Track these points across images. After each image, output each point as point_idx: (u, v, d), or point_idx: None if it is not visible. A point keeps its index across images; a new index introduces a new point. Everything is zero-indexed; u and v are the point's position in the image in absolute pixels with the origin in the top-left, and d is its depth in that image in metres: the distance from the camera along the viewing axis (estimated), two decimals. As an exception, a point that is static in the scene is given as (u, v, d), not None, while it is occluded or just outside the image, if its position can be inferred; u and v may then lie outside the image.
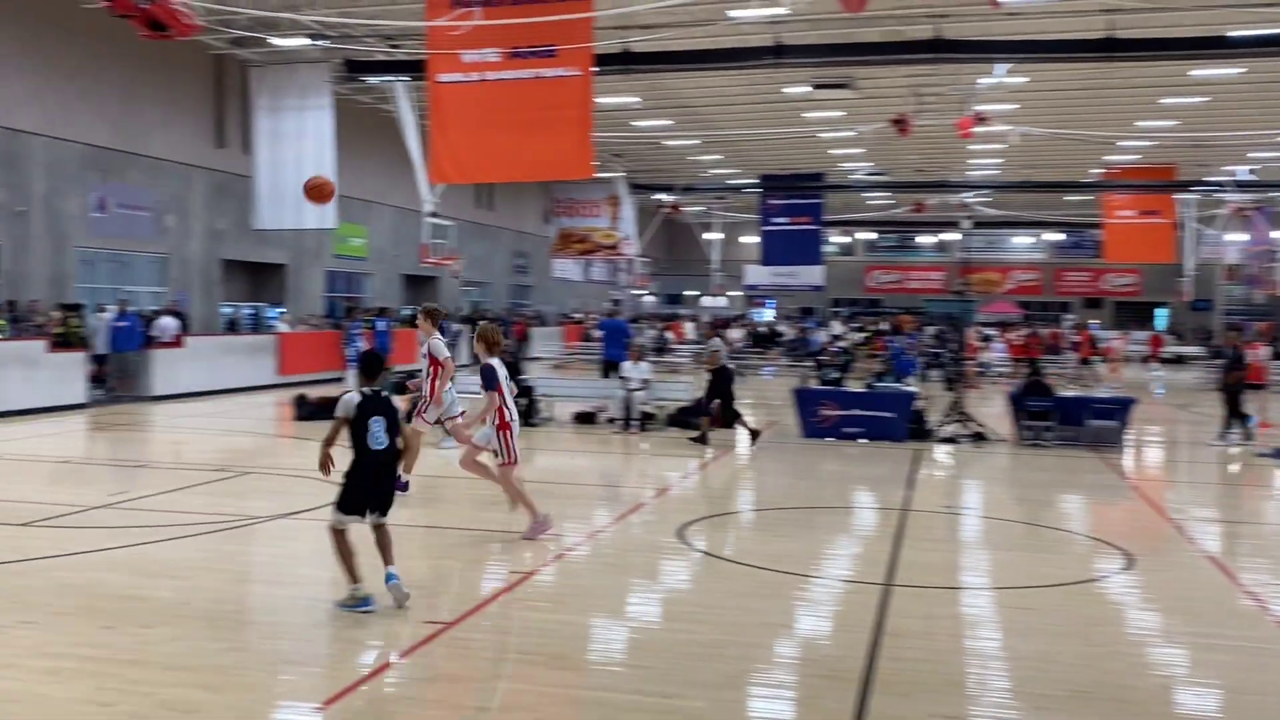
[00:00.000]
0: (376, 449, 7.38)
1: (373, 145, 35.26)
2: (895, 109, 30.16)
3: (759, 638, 7.07)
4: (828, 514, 11.83)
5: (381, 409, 7.46)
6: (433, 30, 19.48)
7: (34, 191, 24.21)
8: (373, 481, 7.52)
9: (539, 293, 53.37)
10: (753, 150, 44.46)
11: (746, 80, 31.35)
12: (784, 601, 8.04)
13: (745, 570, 8.84)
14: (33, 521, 9.91)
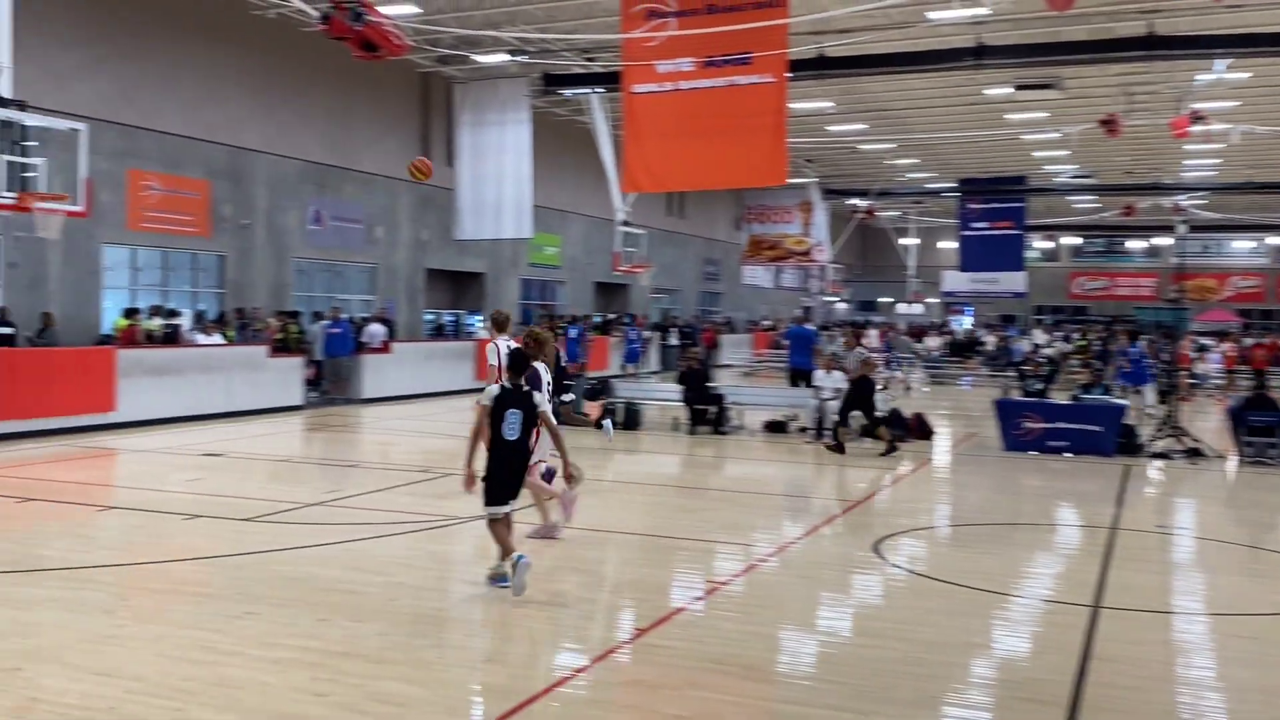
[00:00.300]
0: (510, 439, 7.85)
1: (567, 156, 36.03)
2: (1104, 109, 28.90)
3: (957, 657, 6.87)
4: (1030, 530, 11.41)
5: (519, 403, 7.90)
6: (628, 42, 19.79)
7: (257, 206, 25.79)
8: (508, 471, 7.94)
9: (729, 300, 53.39)
10: (951, 153, 43.36)
11: (945, 82, 30.59)
12: (983, 620, 7.79)
13: (943, 587, 8.60)
14: (255, 517, 10.53)
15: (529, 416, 7.94)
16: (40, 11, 19.51)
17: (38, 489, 12.07)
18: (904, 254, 57.09)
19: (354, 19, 16.03)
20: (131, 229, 22.62)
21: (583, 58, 26.09)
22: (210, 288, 25.18)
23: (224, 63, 24.60)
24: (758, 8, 18.19)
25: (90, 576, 8.28)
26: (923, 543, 10.80)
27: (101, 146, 19.98)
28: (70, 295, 21.30)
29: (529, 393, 8.04)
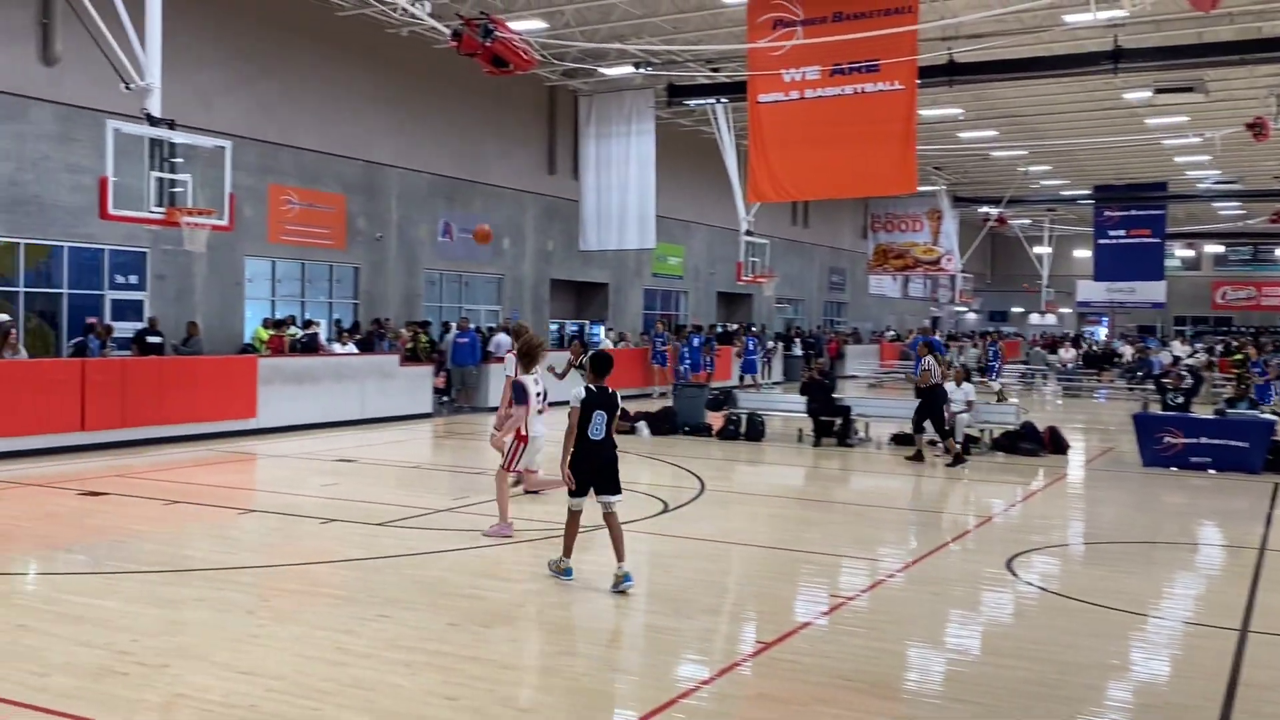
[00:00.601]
0: (595, 439, 8.29)
1: (691, 167, 36.12)
2: (1250, 112, 27.76)
3: (1094, 679, 6.65)
4: (1171, 550, 10.99)
5: (605, 404, 8.34)
6: (754, 51, 19.75)
7: (390, 219, 26.50)
8: (591, 466, 8.34)
9: (854, 310, 52.78)
10: (1086, 160, 42.15)
11: (1080, 87, 29.78)
12: (1122, 642, 7.52)
13: (1079, 606, 8.33)
14: (388, 521, 10.79)
15: (612, 416, 8.38)
16: (188, 34, 20.40)
17: (183, 492, 12.58)
18: (1037, 263, 55.59)
19: (484, 35, 16.40)
20: (272, 242, 23.48)
21: (708, 68, 26.14)
22: (345, 298, 25.95)
23: (359, 80, 25.37)
24: (886, 14, 17.97)
25: (232, 577, 8.59)
26: (1057, 560, 10.48)
27: (244, 163, 20.77)
28: (214, 306, 22.19)
29: (613, 394, 8.42)
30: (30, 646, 6.61)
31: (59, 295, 19.97)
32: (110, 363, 17.02)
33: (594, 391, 8.31)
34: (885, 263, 44.39)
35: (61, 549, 9.74)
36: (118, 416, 15.93)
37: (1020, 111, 34.05)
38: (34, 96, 19.07)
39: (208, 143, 14.74)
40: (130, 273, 20.94)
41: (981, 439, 18.03)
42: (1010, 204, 44.49)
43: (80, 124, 19.29)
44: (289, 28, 23.57)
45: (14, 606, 7.65)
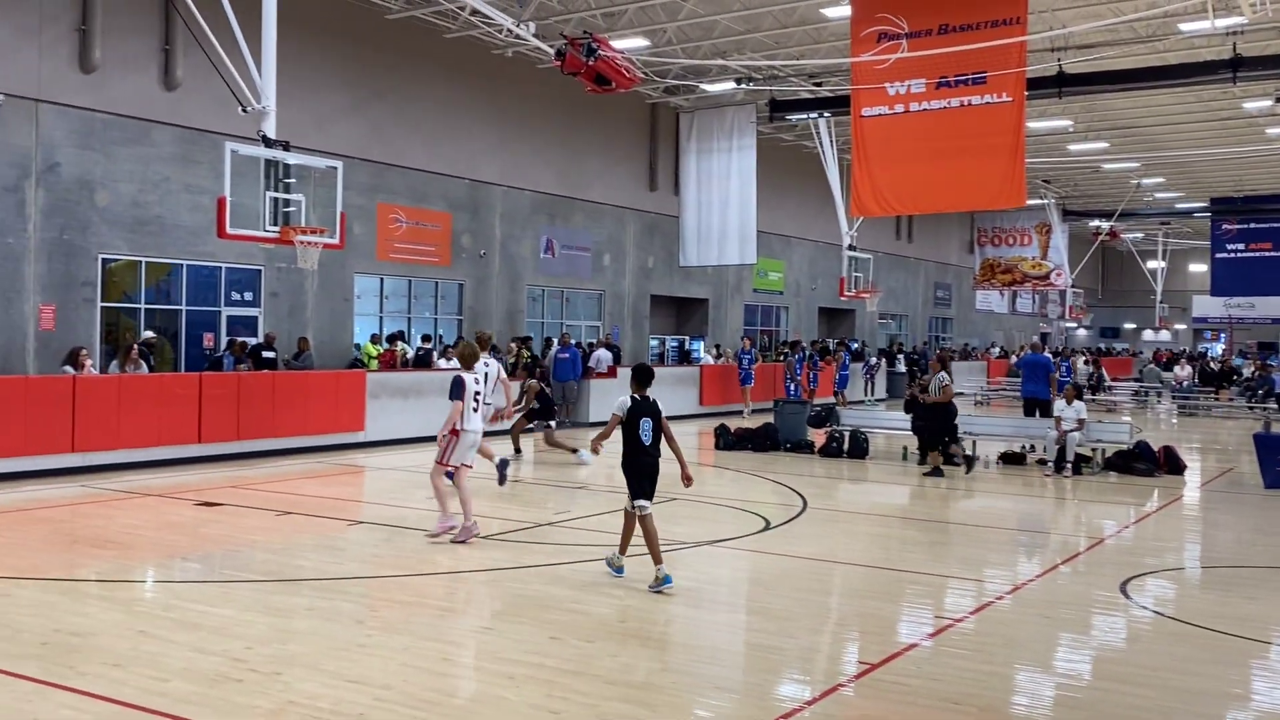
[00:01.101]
0: (645, 443, 8.90)
1: (792, 182, 35.96)
2: (1380, 119, 26.60)
3: (1213, 707, 6.42)
4: (1296, 576, 10.55)
5: (650, 411, 8.94)
6: (858, 65, 19.60)
7: (493, 236, 26.89)
8: (642, 469, 8.91)
9: (960, 325, 51.91)
10: (1202, 171, 40.88)
11: (1196, 97, 28.93)
12: (1243, 670, 7.25)
13: (1197, 632, 8.05)
14: (491, 535, 10.92)
15: (658, 423, 8.95)
16: (302, 59, 21.02)
17: (294, 503, 12.91)
18: (1150, 278, 54.03)
19: (588, 55, 16.59)
20: (380, 259, 24.02)
21: (810, 83, 26.03)
22: (450, 314, 26.39)
23: (465, 101, 25.84)
24: (994, 26, 17.68)
25: (341, 587, 8.79)
26: (1173, 584, 10.14)
27: (354, 182, 21.32)
28: (324, 321, 22.75)
29: (654, 402, 8.99)
30: (150, 653, 6.84)
31: (177, 312, 20.68)
32: (226, 377, 17.57)
33: (638, 400, 8.92)
34: (992, 278, 43.58)
35: (179, 558, 10.07)
36: (233, 429, 16.44)
37: (1133, 122, 33.18)
38: (156, 120, 19.82)
39: (320, 163, 15.15)
40: (245, 290, 21.60)
41: (1093, 458, 17.57)
42: (1122, 217, 43.35)
43: (200, 146, 20.00)
44: (398, 51, 24.13)
45: (136, 613, 7.93)
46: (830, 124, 26.05)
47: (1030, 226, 41.68)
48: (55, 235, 18.48)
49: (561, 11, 23.31)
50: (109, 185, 19.19)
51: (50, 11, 18.37)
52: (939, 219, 46.63)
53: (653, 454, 8.94)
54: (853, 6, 19.78)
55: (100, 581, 8.93)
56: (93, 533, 11.13)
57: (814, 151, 27.01)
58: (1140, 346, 59.91)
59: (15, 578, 8.83)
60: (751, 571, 10.01)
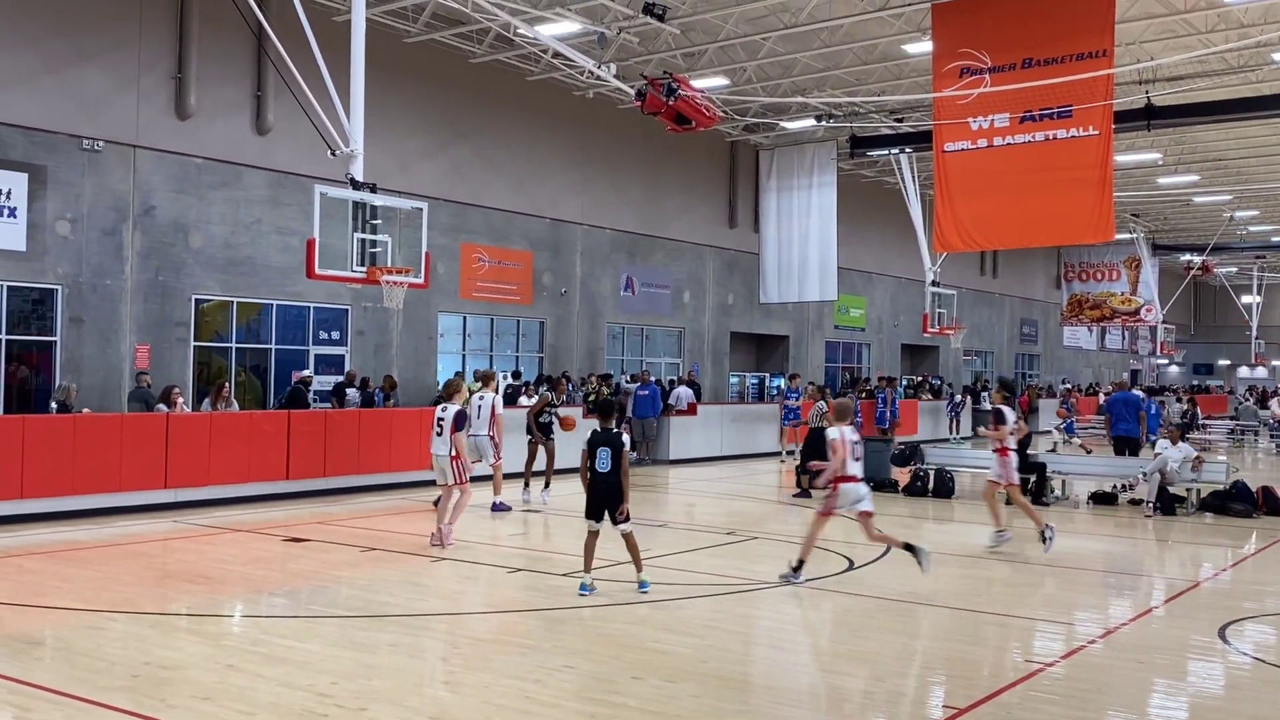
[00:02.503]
0: (600, 470, 9.76)
1: (873, 218, 35.75)
2: None
3: (1324, 763, 6.14)
4: None
5: (607, 442, 9.79)
6: (939, 100, 19.48)
7: (574, 274, 27.12)
8: (596, 493, 9.83)
9: (1047, 362, 50.95)
10: (1298, 203, 39.78)
11: (1291, 127, 28.20)
12: (1355, 723, 6.94)
13: (1303, 682, 7.74)
14: (572, 572, 10.91)
15: (616, 453, 9.73)
16: (387, 102, 21.49)
17: (379, 539, 13.06)
18: (1245, 313, 52.53)
19: (668, 94, 16.70)
20: (463, 298, 24.35)
21: (891, 118, 25.91)
22: (531, 351, 26.61)
23: (546, 141, 26.19)
24: (1079, 59, 17.46)
25: (425, 624, 8.85)
26: (1274, 629, 9.77)
27: (438, 223, 21.68)
28: (409, 359, 23.09)
29: (618, 434, 9.85)
30: (239, 686, 6.94)
31: (267, 350, 21.16)
32: (314, 414, 17.88)
33: (597, 432, 9.90)
34: (1080, 313, 42.77)
35: (266, 593, 10.23)
36: (319, 466, 16.71)
37: (1224, 155, 32.44)
38: (248, 164, 20.40)
39: (406, 204, 15.43)
40: (333, 329, 22.04)
41: (1188, 499, 17.06)
42: (1215, 251, 42.32)
43: (289, 189, 20.52)
44: (481, 93, 24.55)
45: (224, 647, 8.06)
46: (912, 159, 25.88)
47: (1119, 261, 40.87)
48: (151, 276, 19.06)
49: (642, 53, 23.54)
50: (202, 227, 19.77)
51: (148, 60, 19.04)
52: (1024, 254, 45.94)
53: (606, 479, 9.74)
54: (934, 42, 19.69)
55: (190, 615, 9.10)
56: (183, 567, 11.37)
57: (895, 187, 26.85)
58: (1235, 384, 58.19)
59: (108, 611, 9.04)
60: (835, 612, 9.86)
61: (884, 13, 20.75)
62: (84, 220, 18.28)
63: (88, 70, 18.41)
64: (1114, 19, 17.55)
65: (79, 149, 18.20)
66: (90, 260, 18.34)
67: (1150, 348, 48.13)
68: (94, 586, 10.07)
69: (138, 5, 18.92)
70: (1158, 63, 20.47)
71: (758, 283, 29.90)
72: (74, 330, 18.22)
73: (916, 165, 26.66)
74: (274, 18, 17.35)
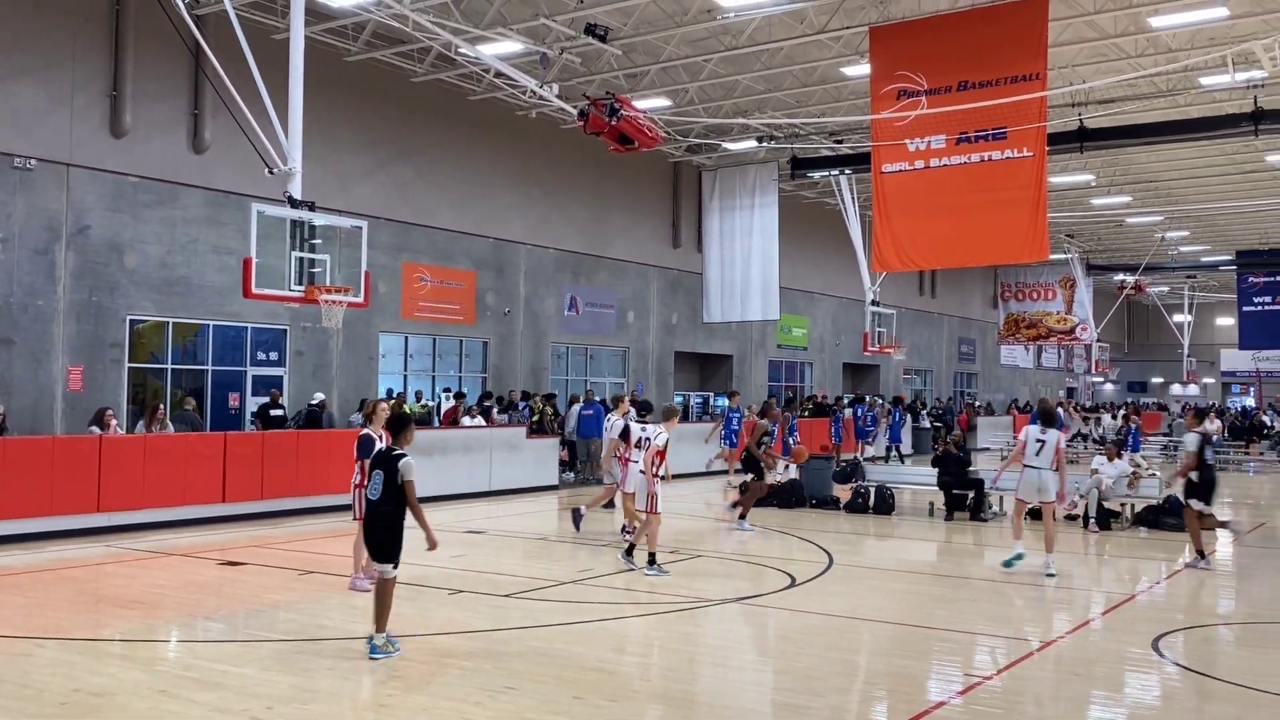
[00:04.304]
0: (371, 499, 8.21)
1: (814, 238, 36.10)
2: (1405, 170, 26.52)
3: (1254, 771, 6.25)
4: (1334, 633, 10.33)
5: (384, 464, 8.17)
6: (878, 122, 19.73)
7: (518, 294, 27.05)
8: (367, 529, 8.33)
9: (985, 380, 51.65)
10: (1227, 224, 40.78)
11: (1219, 150, 28.94)
12: (1283, 731, 7.08)
13: (1232, 690, 7.87)
14: (514, 593, 10.86)
15: (391, 479, 8.13)
16: (327, 121, 21.35)
17: (317, 562, 12.87)
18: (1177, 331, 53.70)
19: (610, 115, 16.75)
20: (405, 318, 24.18)
21: (831, 140, 26.20)
22: (474, 372, 26.48)
23: (490, 161, 26.14)
24: (1013, 82, 17.79)
25: (363, 647, 8.72)
26: (1206, 641, 9.95)
27: (379, 242, 21.56)
28: (349, 380, 22.86)
29: (395, 456, 8.21)
30: (171, 712, 6.80)
31: (203, 371, 20.83)
32: (250, 436, 17.63)
33: (379, 452, 8.42)
34: (1017, 332, 43.46)
35: (201, 617, 10.04)
36: (257, 488, 16.47)
37: (1156, 176, 33.19)
38: (184, 183, 20.13)
39: (345, 223, 15.30)
40: (271, 349, 21.76)
41: (1123, 514, 17.35)
42: (1147, 271, 43.21)
43: (227, 208, 20.27)
44: (423, 113, 24.46)
45: (156, 673, 7.89)
46: (851, 181, 26.16)
47: (1054, 281, 41.61)
48: (84, 297, 18.71)
49: (585, 73, 23.61)
50: (137, 247, 19.46)
51: (82, 78, 18.75)
52: (962, 274, 46.61)
53: (376, 509, 8.26)
54: (872, 65, 19.95)
55: (122, 641, 8.91)
56: (116, 592, 11.13)
57: (836, 208, 27.12)
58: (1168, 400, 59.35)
59: (37, 637, 8.82)
60: (778, 629, 9.89)
61: (823, 36, 21.00)
62: (15, 239, 17.91)
63: (20, 87, 18.08)
64: (1047, 43, 17.90)
65: (10, 167, 17.85)
66: (21, 280, 17.97)
67: (1085, 366, 48.96)
68: (23, 612, 9.82)
69: (71, 22, 18.64)
70: (1090, 85, 20.91)
71: (701, 302, 30.03)
72: (4, 351, 17.82)
73: (856, 186, 26.96)
74: (211, 36, 17.18)
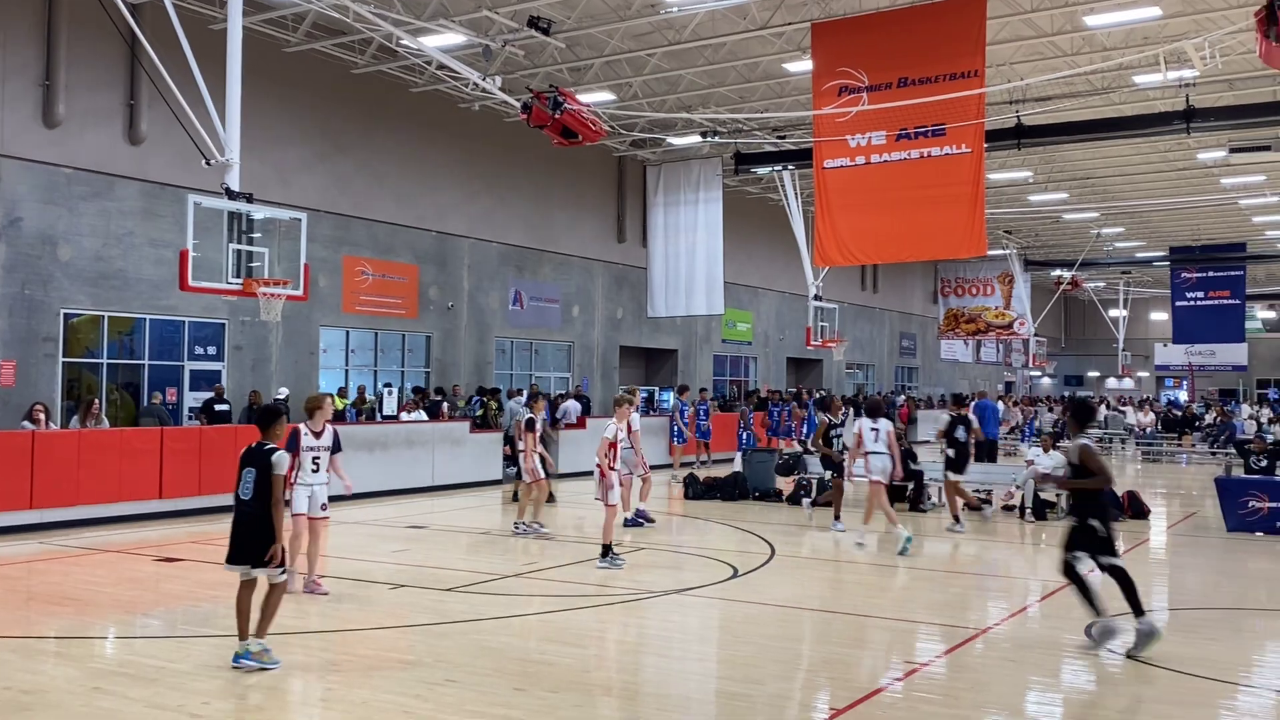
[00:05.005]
0: (243, 498, 7.62)
1: (758, 233, 36.27)
2: (1330, 168, 27.22)
3: (1182, 751, 6.40)
4: (1259, 616, 10.61)
5: (255, 461, 7.61)
6: (819, 118, 19.87)
7: (462, 288, 26.90)
8: (237, 531, 7.70)
9: (925, 374, 52.25)
10: (1161, 221, 41.60)
11: (1152, 148, 29.51)
12: (1209, 710, 7.28)
13: (1164, 674, 8.05)
14: (456, 587, 10.81)
15: (263, 475, 7.59)
16: (266, 112, 21.07)
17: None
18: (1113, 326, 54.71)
19: (553, 108, 16.70)
20: (346, 312, 23.94)
21: (774, 136, 26.34)
22: (417, 367, 26.29)
23: (432, 154, 25.96)
24: (952, 79, 18.00)
25: (303, 642, 8.65)
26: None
27: (319, 235, 21.33)
28: (289, 375, 22.59)
29: (267, 451, 7.66)
30: (104, 709, 6.70)
31: (140, 366, 20.49)
32: (188, 431, 17.39)
33: (251, 447, 7.74)
34: (956, 327, 44.00)
35: (138, 614, 9.90)
36: (194, 484, 16.24)
37: (1091, 173, 33.76)
38: (120, 175, 19.77)
39: (284, 215, 15.10)
40: (209, 344, 21.45)
41: (1058, 504, 17.63)
42: (1083, 267, 43.93)
43: (163, 200, 19.94)
44: (364, 104, 24.23)
45: (90, 669, 7.77)
46: (794, 176, 26.32)
47: (993, 277, 42.19)
48: (17, 290, 18.32)
49: (528, 66, 23.53)
50: (72, 240, 19.08)
51: (13, 66, 18.35)
52: (903, 270, 47.11)
53: (246, 509, 7.67)
54: (814, 61, 20.09)
55: (56, 639, 8.76)
56: (49, 589, 10.92)
57: (779, 204, 27.27)
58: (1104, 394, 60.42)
59: (-32, 636, 8.65)
60: (720, 620, 9.95)
61: (765, 31, 21.10)
62: (-57, 231, 17.51)
63: (-53, 75, 17.67)
64: (985, 41, 18.14)
65: (-63, 157, 17.45)
66: (-50, 273, 17.57)
67: (1023, 360, 49.75)
68: (-49, 612, 9.62)
69: (1, 9, 18.23)
70: (1027, 83, 21.20)
71: (646, 297, 30.06)
72: (-68, 346, 17.41)
73: (799, 182, 27.14)
74: (147, 25, 16.89)
